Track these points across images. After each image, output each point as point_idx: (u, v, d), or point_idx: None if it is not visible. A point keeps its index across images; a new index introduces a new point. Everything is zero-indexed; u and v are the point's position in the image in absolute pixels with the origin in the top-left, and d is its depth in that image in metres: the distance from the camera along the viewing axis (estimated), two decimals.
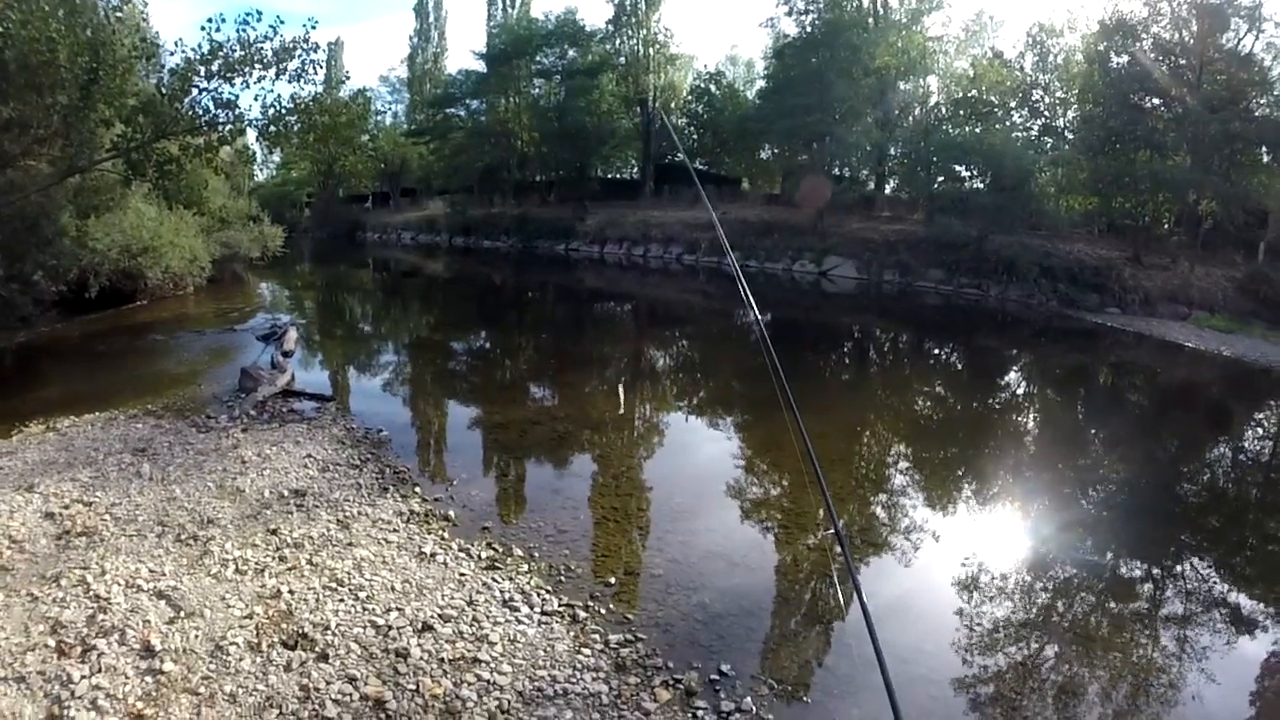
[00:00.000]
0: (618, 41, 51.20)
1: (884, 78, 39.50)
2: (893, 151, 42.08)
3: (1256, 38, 31.33)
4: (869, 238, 35.66)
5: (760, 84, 51.64)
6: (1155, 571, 7.81)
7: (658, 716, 4.46)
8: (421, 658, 4.63)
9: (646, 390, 14.61)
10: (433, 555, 6.09)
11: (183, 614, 4.72)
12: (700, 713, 4.56)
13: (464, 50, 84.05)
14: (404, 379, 14.51)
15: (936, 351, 21.88)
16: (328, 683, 4.31)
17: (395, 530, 6.53)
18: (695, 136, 55.62)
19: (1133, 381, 19.54)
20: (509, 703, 4.37)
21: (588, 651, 4.99)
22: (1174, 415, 16.16)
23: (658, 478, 9.19)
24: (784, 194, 43.74)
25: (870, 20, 41.35)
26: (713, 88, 54.50)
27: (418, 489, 7.67)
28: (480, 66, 54.97)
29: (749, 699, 4.74)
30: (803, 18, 42.47)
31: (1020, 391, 17.55)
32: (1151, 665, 5.92)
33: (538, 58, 52.91)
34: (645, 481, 8.97)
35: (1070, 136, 37.13)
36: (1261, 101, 31.58)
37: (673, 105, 53.34)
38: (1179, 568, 8.08)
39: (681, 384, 15.94)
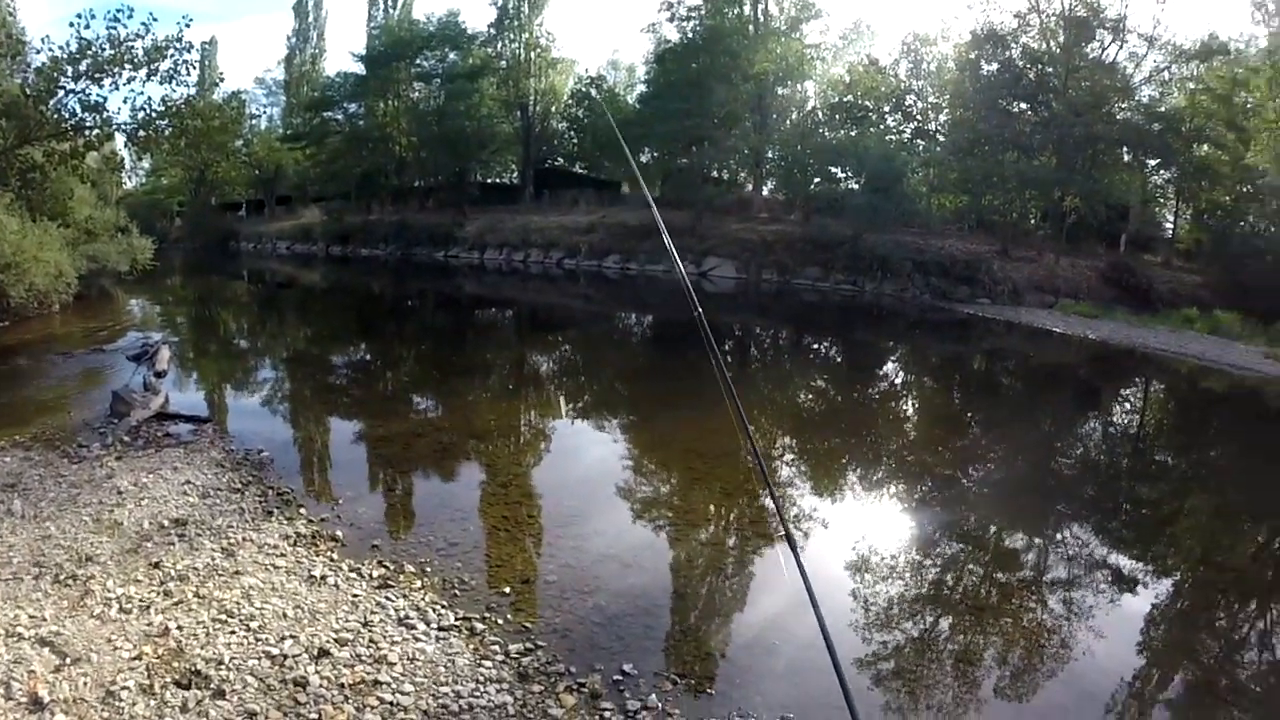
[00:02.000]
0: (499, 45, 51.08)
1: (763, 83, 40.70)
2: (770, 154, 43.38)
3: (1120, 47, 34.21)
4: (747, 238, 36.78)
5: (641, 89, 52.28)
6: (1038, 540, 8.37)
7: None
8: (321, 685, 4.50)
9: (530, 396, 14.60)
10: (323, 578, 5.89)
11: (69, 660, 4.43)
12: (607, 713, 4.60)
13: (343, 52, 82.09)
14: (282, 396, 14.00)
15: (817, 346, 22.69)
16: None
17: (283, 554, 6.28)
18: (575, 140, 55.82)
19: (1006, 365, 20.75)
20: None
21: (489, 664, 4.96)
22: (1047, 394, 17.33)
23: (546, 484, 9.24)
24: (663, 197, 44.39)
25: (750, 27, 42.60)
26: (593, 92, 54.66)
27: (303, 510, 7.39)
28: (359, 69, 53.71)
29: (654, 696, 4.81)
30: (684, 24, 43.51)
31: (900, 380, 18.40)
32: (1042, 628, 6.32)
33: (418, 60, 52.02)
34: (534, 488, 9.00)
35: (941, 139, 39.34)
36: (1123, 106, 34.41)
37: (553, 109, 53.42)
38: (1060, 535, 8.72)
39: (565, 388, 16.03)
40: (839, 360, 20.56)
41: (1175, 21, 72.76)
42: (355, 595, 5.71)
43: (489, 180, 57.27)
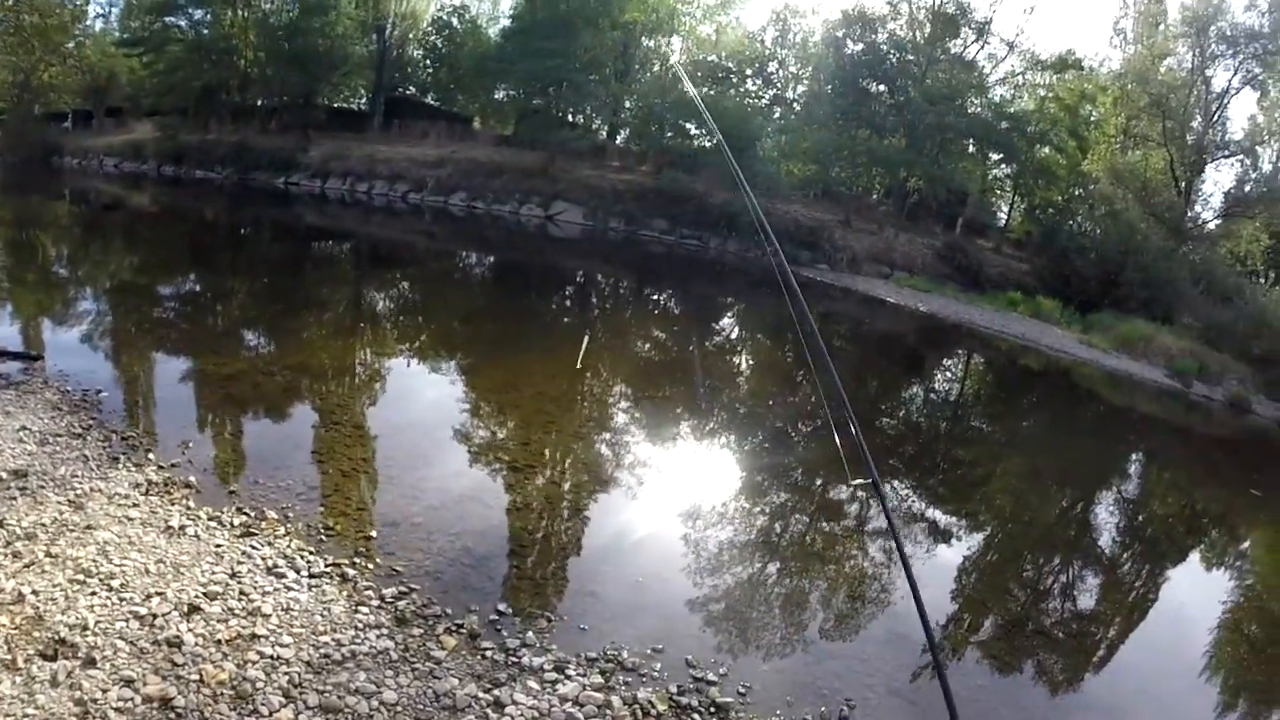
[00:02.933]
0: None
1: (630, 32, 40.82)
2: (628, 104, 43.49)
3: (982, 48, 36.87)
4: (598, 185, 36.87)
5: (505, 23, 50.87)
6: (860, 493, 9.07)
7: (450, 663, 4.62)
8: (196, 643, 4.35)
9: (380, 337, 14.40)
10: (182, 528, 5.69)
11: None
12: (489, 652, 4.80)
13: None
14: (119, 331, 12.89)
15: (658, 297, 23.44)
16: (104, 691, 3.90)
17: (136, 505, 5.98)
18: (430, 70, 54.04)
19: (839, 329, 22.04)
20: (299, 675, 4.27)
21: (365, 610, 5.02)
22: (878, 358, 18.56)
23: (404, 424, 9.31)
24: (516, 136, 43.86)
25: None
26: (455, 21, 52.89)
27: (151, 455, 7.01)
28: None
29: (530, 633, 5.07)
30: None
31: (738, 334, 19.25)
32: (864, 574, 7.14)
33: None
34: (392, 429, 9.00)
35: (798, 109, 40.70)
36: (976, 101, 37.14)
37: (411, 35, 51.38)
38: (881, 488, 9.49)
39: (414, 329, 15.90)
40: (678, 312, 21.22)
41: (1037, 32, 79.14)
42: (218, 545, 5.58)
43: (336, 105, 54.28)
